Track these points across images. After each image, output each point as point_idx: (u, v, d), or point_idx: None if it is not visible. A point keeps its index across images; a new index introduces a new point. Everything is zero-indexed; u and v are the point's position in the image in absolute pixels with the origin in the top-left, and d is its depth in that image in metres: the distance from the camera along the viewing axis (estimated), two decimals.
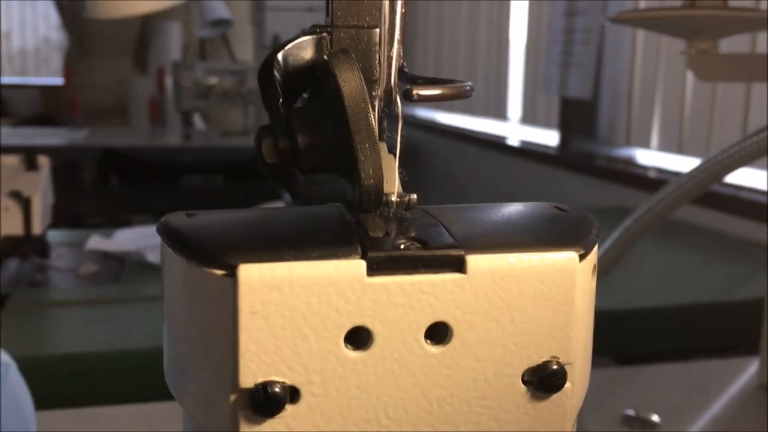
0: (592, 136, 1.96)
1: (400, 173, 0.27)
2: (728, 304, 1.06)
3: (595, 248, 0.25)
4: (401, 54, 0.29)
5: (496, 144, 2.38)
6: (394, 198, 0.26)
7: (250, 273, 0.22)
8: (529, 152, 2.20)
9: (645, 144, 1.80)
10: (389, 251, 0.23)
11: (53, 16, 4.19)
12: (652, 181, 1.66)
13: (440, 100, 0.25)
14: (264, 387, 0.22)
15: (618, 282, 1.10)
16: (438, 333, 0.24)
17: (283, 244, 0.23)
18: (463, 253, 0.23)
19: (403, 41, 0.29)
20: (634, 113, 1.84)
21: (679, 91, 1.66)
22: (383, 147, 0.27)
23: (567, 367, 0.24)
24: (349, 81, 0.24)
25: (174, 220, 0.24)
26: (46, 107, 4.34)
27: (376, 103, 0.26)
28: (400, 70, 0.28)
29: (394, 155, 0.27)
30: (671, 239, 1.36)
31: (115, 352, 0.88)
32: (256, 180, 2.29)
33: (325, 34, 0.27)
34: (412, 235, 0.24)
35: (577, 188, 1.93)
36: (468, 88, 0.26)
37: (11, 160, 1.15)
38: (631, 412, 0.68)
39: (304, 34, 0.26)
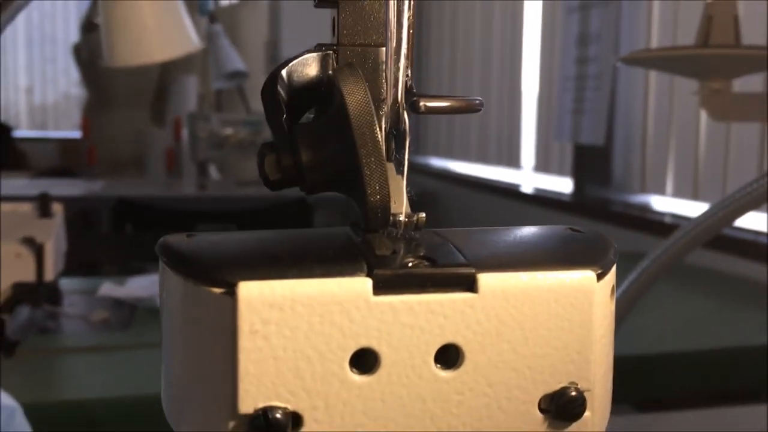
0: (607, 183, 1.94)
1: (408, 193, 0.26)
2: (749, 348, 1.03)
3: (613, 269, 0.24)
4: (408, 73, 0.28)
5: (510, 192, 2.37)
6: (402, 218, 0.25)
7: (249, 291, 0.21)
8: (543, 199, 2.19)
9: (660, 190, 1.79)
10: (396, 269, 0.22)
11: (74, 72, 4.27)
12: (667, 227, 1.64)
13: (448, 112, 0.25)
14: (264, 413, 0.21)
15: (634, 327, 1.08)
16: (448, 356, 0.22)
17: (284, 262, 0.22)
18: (474, 271, 0.22)
19: (411, 59, 0.28)
20: (648, 158, 1.83)
21: (694, 136, 1.65)
22: (391, 167, 0.27)
23: (586, 394, 0.23)
24: (355, 94, 0.23)
25: (173, 240, 0.24)
26: (65, 160, 4.39)
27: (383, 122, 0.26)
28: (408, 89, 0.28)
29: (402, 175, 0.26)
30: (686, 283, 1.34)
31: (124, 398, 0.86)
32: (269, 227, 2.29)
33: (330, 52, 0.26)
34: (421, 253, 0.23)
35: None
36: (477, 102, 0.25)
37: (25, 207, 1.15)
38: None
39: (309, 51, 0.26)
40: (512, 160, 2.48)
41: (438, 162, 2.99)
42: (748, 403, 0.86)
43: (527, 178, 2.38)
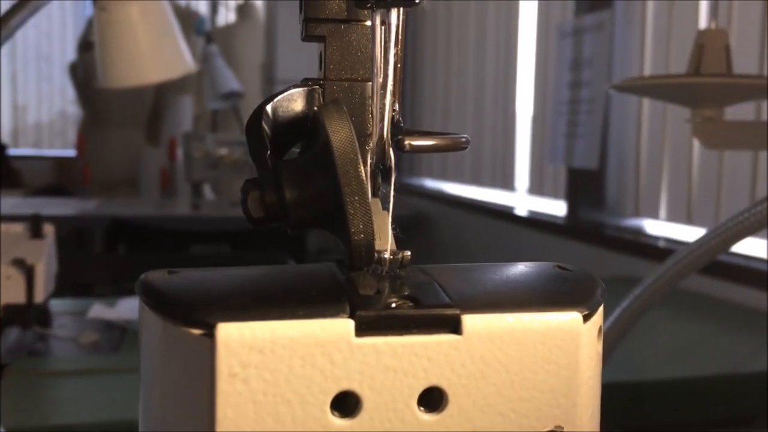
0: (600, 206, 1.95)
1: (393, 230, 0.25)
2: (742, 376, 1.03)
3: (601, 309, 0.24)
4: (396, 108, 0.28)
5: (503, 214, 2.37)
6: (387, 255, 0.24)
7: (228, 332, 0.20)
8: (536, 222, 2.19)
9: (654, 214, 1.79)
10: (379, 310, 0.22)
11: (69, 91, 4.28)
12: (661, 251, 1.64)
13: (433, 151, 0.24)
14: None
15: (627, 353, 1.08)
16: (432, 399, 0.22)
17: (265, 302, 0.21)
18: (458, 312, 0.22)
19: (398, 95, 0.28)
20: (642, 182, 1.83)
21: (687, 160, 1.66)
22: (377, 203, 0.26)
23: None
24: (339, 132, 0.23)
25: (153, 278, 0.23)
26: (59, 178, 4.38)
27: (369, 158, 0.25)
28: (395, 124, 0.28)
29: (388, 211, 0.26)
30: (680, 309, 1.33)
31: (113, 423, 0.85)
32: (264, 249, 2.29)
33: (317, 87, 0.26)
34: (405, 293, 0.23)
35: (586, 258, 1.91)
36: (464, 139, 0.25)
37: (16, 228, 1.15)
38: None
39: (295, 86, 0.26)
40: (506, 182, 2.48)
41: (432, 183, 2.99)
42: (745, 430, 0.85)
43: (521, 200, 2.39)
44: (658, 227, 1.76)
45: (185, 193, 2.75)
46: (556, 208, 2.13)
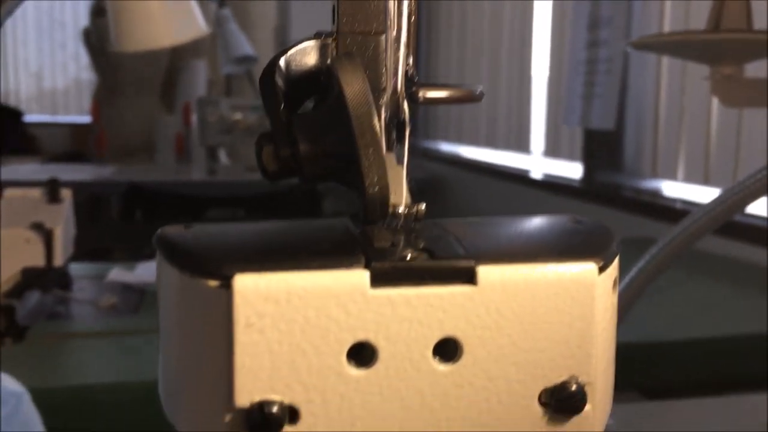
0: (617, 168, 1.93)
1: (409, 183, 0.25)
2: (758, 336, 1.03)
3: (616, 261, 0.24)
4: (410, 62, 0.28)
5: (519, 177, 2.36)
6: (401, 209, 0.24)
7: (245, 283, 0.21)
8: (552, 185, 2.18)
9: (671, 175, 1.77)
10: (395, 262, 0.22)
11: (84, 57, 4.28)
12: (678, 213, 1.63)
13: (447, 102, 0.24)
14: (260, 406, 0.21)
15: (643, 314, 1.08)
16: (447, 349, 0.22)
17: (281, 254, 0.21)
18: (473, 264, 0.22)
19: (412, 48, 0.28)
20: (660, 143, 1.82)
21: (705, 120, 1.64)
22: (391, 157, 0.26)
23: (587, 388, 0.23)
24: (353, 84, 0.22)
25: (170, 232, 0.23)
26: (75, 145, 4.40)
27: (383, 112, 0.25)
28: (409, 78, 0.27)
29: (403, 165, 0.25)
30: (696, 270, 1.33)
31: (133, 383, 0.87)
32: (278, 213, 2.29)
33: (330, 41, 0.26)
34: (420, 245, 0.23)
35: (602, 220, 1.90)
36: (478, 91, 0.25)
37: (34, 193, 1.15)
38: None
39: (308, 39, 0.26)
40: (522, 144, 2.47)
41: (447, 147, 2.98)
42: (759, 391, 0.85)
43: (537, 163, 2.37)
44: (675, 189, 1.75)
45: (200, 158, 2.75)
46: (573, 170, 2.12)
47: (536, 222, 0.26)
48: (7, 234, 1.05)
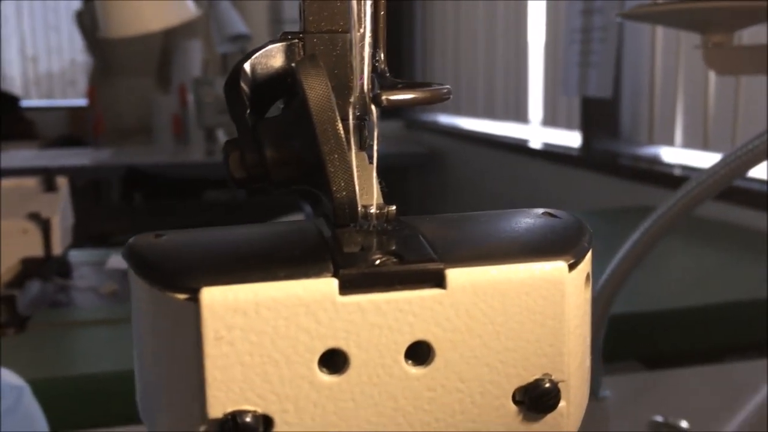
0: (615, 136, 1.92)
1: (379, 183, 0.25)
2: (760, 301, 1.03)
3: (588, 256, 0.24)
4: (380, 58, 0.27)
5: (518, 147, 2.36)
6: (372, 210, 0.24)
7: (213, 296, 0.21)
8: (551, 154, 2.17)
9: (669, 141, 1.77)
10: (363, 268, 0.22)
11: (78, 40, 4.25)
12: (677, 179, 1.62)
13: (412, 104, 0.24)
14: (233, 417, 0.21)
15: (643, 283, 1.08)
16: (419, 353, 0.22)
17: (248, 264, 0.21)
18: (442, 267, 0.22)
19: (382, 44, 0.27)
20: (657, 110, 1.81)
21: (702, 86, 1.62)
22: (363, 157, 0.26)
23: (561, 385, 0.23)
24: (316, 88, 0.22)
25: (139, 243, 0.23)
26: (73, 128, 4.39)
27: (350, 111, 0.25)
28: (381, 75, 0.27)
29: (373, 165, 0.25)
30: (696, 237, 1.33)
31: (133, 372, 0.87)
32: (277, 193, 2.29)
33: (296, 41, 0.26)
34: (390, 248, 0.23)
35: (601, 189, 1.90)
36: (445, 91, 0.24)
37: (29, 182, 1.15)
38: (659, 417, 0.66)
39: (273, 42, 0.25)
40: (520, 114, 2.45)
41: (446, 119, 2.97)
42: (759, 357, 0.86)
43: (535, 132, 2.36)
44: (674, 154, 1.74)
45: (198, 138, 2.74)
46: (571, 139, 2.11)
47: (508, 218, 0.26)
48: (5, 225, 1.05)
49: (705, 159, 1.63)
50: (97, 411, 0.85)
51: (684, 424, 0.65)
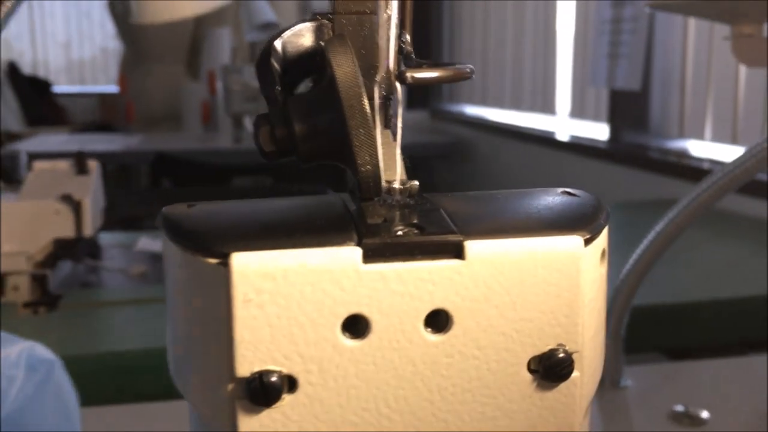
0: (643, 129, 1.91)
1: (403, 159, 0.26)
2: None
3: (604, 233, 0.24)
4: (406, 39, 0.28)
5: (545, 139, 2.35)
6: (396, 185, 0.25)
7: (242, 261, 0.22)
8: (578, 146, 2.16)
9: (699, 135, 1.75)
10: (385, 238, 0.23)
11: (109, 26, 4.30)
12: (705, 173, 1.61)
13: (437, 82, 0.25)
14: (260, 376, 0.22)
15: (667, 275, 1.08)
16: (438, 321, 0.23)
17: (277, 232, 0.22)
18: (461, 238, 0.23)
19: (408, 26, 0.28)
20: (687, 102, 1.79)
21: (733, 78, 1.61)
22: (387, 134, 0.27)
23: (575, 356, 0.24)
24: (343, 66, 0.23)
25: (173, 211, 0.25)
26: (104, 114, 4.45)
27: (376, 90, 0.26)
28: (407, 56, 0.28)
29: (397, 142, 0.26)
30: (720, 230, 1.32)
31: (162, 348, 0.89)
32: (303, 180, 2.31)
33: (326, 21, 0.27)
34: (412, 221, 0.24)
35: (629, 182, 1.89)
36: (468, 70, 0.25)
37: (62, 165, 1.18)
38: (680, 407, 0.66)
39: (304, 21, 0.26)
40: (547, 106, 2.44)
41: (472, 110, 2.96)
42: None
43: (562, 124, 2.35)
44: (703, 148, 1.73)
45: (226, 126, 2.77)
46: (599, 131, 2.10)
47: (527, 196, 0.26)
48: (38, 206, 1.08)
49: (734, 153, 1.61)
50: (125, 387, 0.87)
51: (705, 414, 0.65)
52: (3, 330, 0.74)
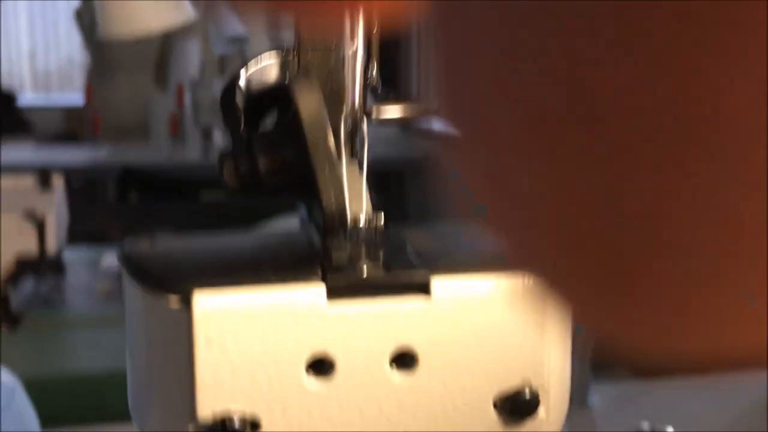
0: None
1: (369, 193, 0.26)
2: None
3: None
4: (373, 74, 0.28)
5: None
6: (362, 217, 0.25)
7: (204, 301, 0.21)
8: None
9: None
10: (350, 276, 0.22)
11: (76, 36, 4.25)
12: None
13: (403, 121, 0.25)
14: (222, 420, 0.22)
15: None
16: (404, 359, 0.23)
17: (240, 270, 0.22)
18: (427, 276, 0.23)
19: (376, 58, 0.28)
20: None
21: None
22: (353, 167, 0.27)
23: (540, 391, 0.24)
24: (308, 104, 0.23)
25: (133, 247, 0.24)
26: (70, 125, 4.38)
27: (342, 124, 0.26)
28: (373, 89, 0.28)
29: (363, 175, 0.26)
30: None
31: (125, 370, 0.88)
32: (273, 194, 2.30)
33: (291, 56, 0.26)
34: (378, 257, 0.24)
35: None
36: (434, 107, 0.25)
37: (26, 181, 1.16)
38: (645, 424, 0.67)
39: (268, 55, 0.26)
40: None
41: (440, 124, 2.97)
42: (759, 367, 0.86)
43: None
44: None
45: (195, 138, 2.74)
46: None
47: None
48: (0, 223, 1.06)
49: None
50: (88, 408, 0.86)
51: (670, 429, 0.66)
52: None
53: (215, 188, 2.49)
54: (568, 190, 0.09)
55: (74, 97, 4.66)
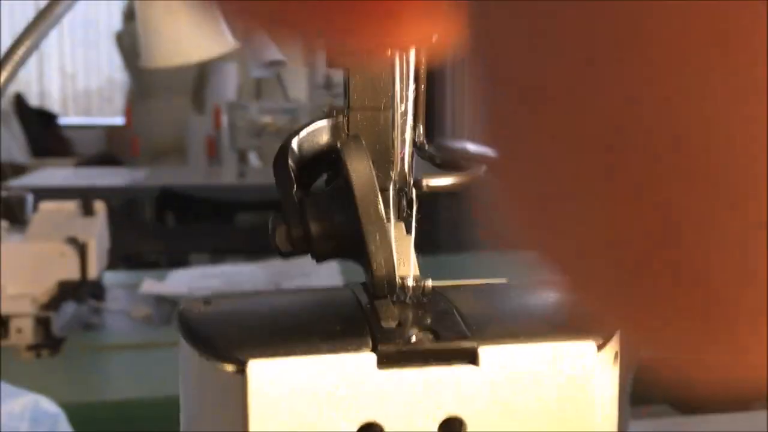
0: None
1: (417, 256, 0.26)
2: None
3: (616, 335, 0.25)
4: (419, 131, 0.29)
5: None
6: (410, 281, 0.25)
7: (258, 369, 0.22)
8: None
9: None
10: (400, 344, 0.23)
11: (116, 58, 4.34)
12: None
13: (451, 189, 0.25)
14: None
15: None
16: (452, 427, 0.23)
17: (292, 338, 0.23)
18: (475, 345, 0.23)
19: (422, 119, 0.29)
20: None
21: None
22: (401, 227, 0.27)
23: None
24: (358, 169, 0.24)
25: (190, 310, 0.25)
26: (109, 146, 4.47)
27: (391, 186, 0.26)
28: (420, 148, 0.28)
29: (411, 236, 0.27)
30: None
31: (168, 397, 0.89)
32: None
33: (341, 118, 0.27)
34: (426, 323, 0.24)
35: None
36: (483, 172, 0.26)
37: (68, 206, 1.18)
38: None
39: (320, 118, 0.27)
40: None
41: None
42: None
43: None
44: None
45: (231, 160, 2.78)
46: None
47: (539, 290, 0.27)
48: (43, 248, 1.08)
49: None
50: None
51: None
52: (5, 374, 0.74)
53: (251, 210, 2.52)
54: (623, 217, 0.09)
55: (114, 118, 4.75)
